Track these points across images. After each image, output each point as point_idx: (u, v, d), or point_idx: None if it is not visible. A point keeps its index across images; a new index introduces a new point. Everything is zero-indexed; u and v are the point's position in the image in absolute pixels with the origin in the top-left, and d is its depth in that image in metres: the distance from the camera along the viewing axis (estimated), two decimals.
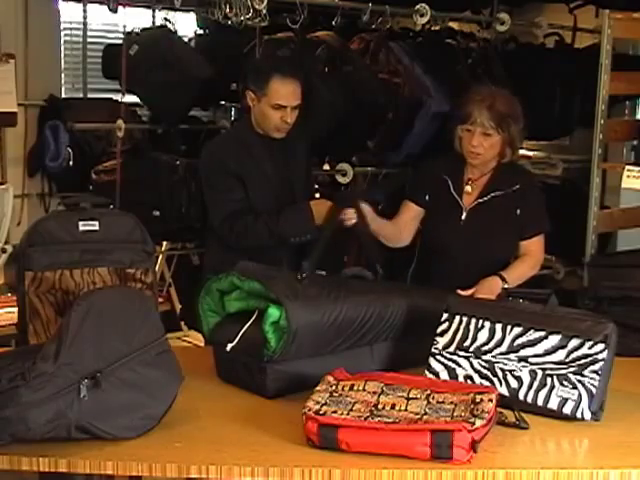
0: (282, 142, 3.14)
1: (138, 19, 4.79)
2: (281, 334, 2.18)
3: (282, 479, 1.82)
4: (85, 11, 5.05)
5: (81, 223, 2.30)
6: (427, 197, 3.04)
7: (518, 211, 2.94)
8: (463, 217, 2.96)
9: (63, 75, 5.31)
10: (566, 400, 2.08)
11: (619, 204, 4.50)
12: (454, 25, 4.74)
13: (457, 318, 2.25)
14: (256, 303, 2.30)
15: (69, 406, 1.84)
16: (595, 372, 2.07)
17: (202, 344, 3.00)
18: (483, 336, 2.20)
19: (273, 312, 2.19)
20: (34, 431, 1.82)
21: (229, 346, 2.27)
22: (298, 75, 3.09)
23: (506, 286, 2.78)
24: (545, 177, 4.92)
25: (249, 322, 2.26)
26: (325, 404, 1.94)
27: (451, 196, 2.98)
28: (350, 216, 2.81)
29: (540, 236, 2.99)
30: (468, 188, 2.99)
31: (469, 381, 2.18)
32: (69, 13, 5.25)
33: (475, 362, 2.20)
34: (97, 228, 2.32)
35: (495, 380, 2.16)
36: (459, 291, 2.64)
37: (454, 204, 2.98)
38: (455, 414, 1.90)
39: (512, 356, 2.16)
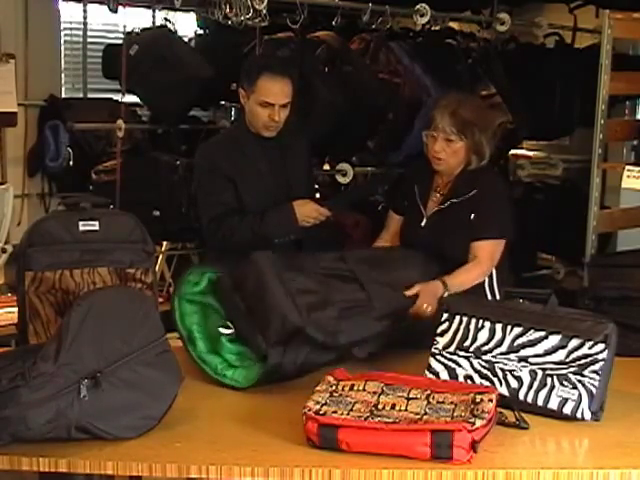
0: (280, 142, 3.13)
1: (138, 19, 4.80)
2: None
3: (282, 479, 1.82)
4: (85, 11, 5.07)
5: (81, 223, 2.30)
6: (406, 204, 3.05)
7: (472, 216, 2.88)
8: (422, 224, 2.95)
9: (63, 75, 5.31)
10: (566, 400, 2.08)
11: (619, 204, 4.50)
12: (454, 25, 4.75)
13: (457, 318, 2.25)
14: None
15: (69, 406, 1.84)
16: (595, 372, 2.07)
17: None
18: (483, 336, 2.20)
19: None
20: (34, 431, 1.82)
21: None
22: (289, 73, 3.07)
23: (446, 294, 2.71)
24: (545, 177, 4.94)
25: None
26: (325, 404, 1.94)
27: (416, 203, 2.99)
28: None
29: (489, 242, 2.87)
30: (435, 195, 2.99)
31: (469, 381, 2.18)
32: (69, 13, 5.26)
33: (475, 362, 2.20)
34: (97, 228, 2.32)
35: (495, 380, 2.16)
36: (406, 292, 2.63)
37: (417, 211, 2.98)
38: (455, 414, 1.90)
39: (512, 356, 2.16)
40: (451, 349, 2.23)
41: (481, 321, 2.22)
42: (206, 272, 2.45)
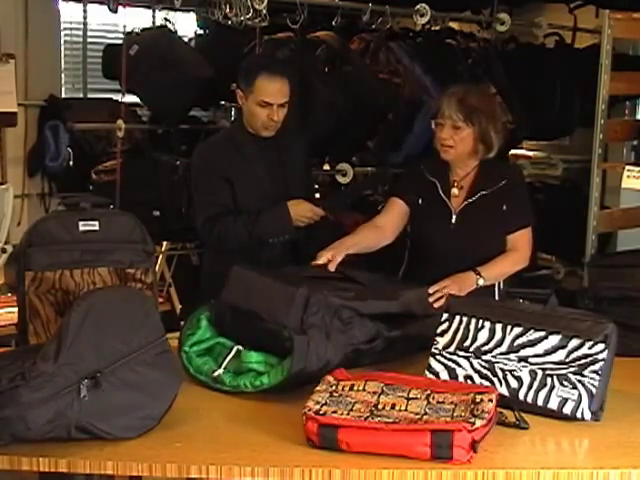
0: (278, 142, 3.13)
1: (138, 19, 4.80)
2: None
3: (282, 479, 1.82)
4: (85, 11, 5.07)
5: (81, 223, 2.30)
6: (419, 200, 3.00)
7: (504, 206, 2.91)
8: (453, 220, 2.94)
9: (63, 75, 5.31)
10: (566, 400, 2.08)
11: (619, 204, 4.50)
12: (454, 25, 4.75)
13: (457, 318, 2.25)
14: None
15: (69, 406, 1.84)
16: (595, 372, 2.07)
17: None
18: (483, 336, 2.20)
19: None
20: (34, 431, 1.82)
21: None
22: (286, 73, 3.07)
23: (481, 282, 2.78)
24: (545, 177, 4.94)
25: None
26: (325, 404, 1.94)
27: (440, 198, 2.96)
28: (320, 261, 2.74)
29: (525, 230, 2.94)
30: (455, 190, 2.97)
31: (469, 381, 2.18)
32: (69, 13, 5.25)
33: (475, 362, 2.20)
34: (97, 228, 2.32)
35: (495, 380, 2.16)
36: (430, 289, 2.65)
37: (443, 207, 2.95)
38: (455, 414, 1.90)
39: (512, 356, 2.16)
40: (451, 349, 2.23)
41: (481, 321, 2.22)
42: (200, 314, 2.41)
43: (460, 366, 2.21)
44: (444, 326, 2.27)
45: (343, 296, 2.39)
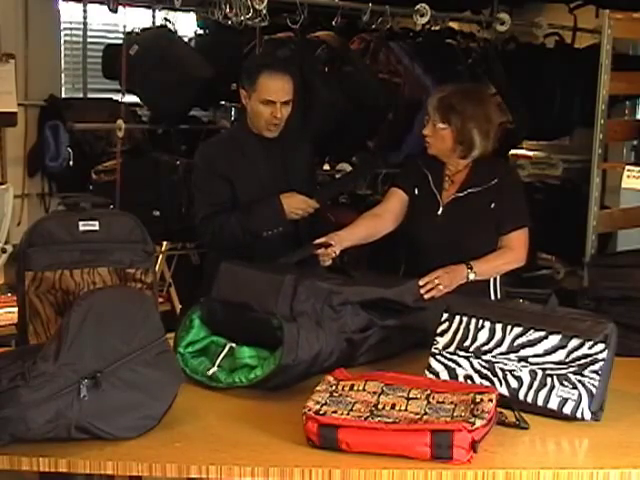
0: (280, 142, 3.13)
1: (138, 19, 4.80)
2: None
3: (282, 479, 1.82)
4: (85, 11, 5.06)
5: (81, 223, 2.30)
6: (415, 191, 3.03)
7: (493, 205, 2.91)
8: (439, 212, 2.96)
9: (63, 75, 5.30)
10: (566, 400, 2.08)
11: (619, 204, 4.51)
12: (454, 25, 4.75)
13: (457, 318, 2.25)
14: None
15: (69, 406, 1.84)
16: (595, 372, 2.07)
17: None
18: (483, 336, 2.20)
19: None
20: (34, 431, 1.82)
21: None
22: (289, 71, 3.08)
23: (472, 276, 2.80)
24: (545, 177, 4.94)
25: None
26: (325, 404, 1.94)
27: (431, 191, 2.99)
28: (324, 257, 2.76)
29: (519, 231, 2.93)
30: (446, 184, 2.99)
31: (469, 381, 2.18)
32: (69, 13, 5.25)
33: (475, 362, 2.20)
34: (97, 228, 2.32)
35: (495, 380, 2.16)
36: (420, 281, 2.67)
37: (432, 199, 2.98)
38: (455, 414, 1.90)
39: (512, 356, 2.16)
40: (451, 349, 2.23)
41: (481, 321, 2.22)
42: (192, 314, 2.40)
43: (460, 366, 2.21)
44: (444, 326, 2.27)
45: (332, 282, 2.39)
